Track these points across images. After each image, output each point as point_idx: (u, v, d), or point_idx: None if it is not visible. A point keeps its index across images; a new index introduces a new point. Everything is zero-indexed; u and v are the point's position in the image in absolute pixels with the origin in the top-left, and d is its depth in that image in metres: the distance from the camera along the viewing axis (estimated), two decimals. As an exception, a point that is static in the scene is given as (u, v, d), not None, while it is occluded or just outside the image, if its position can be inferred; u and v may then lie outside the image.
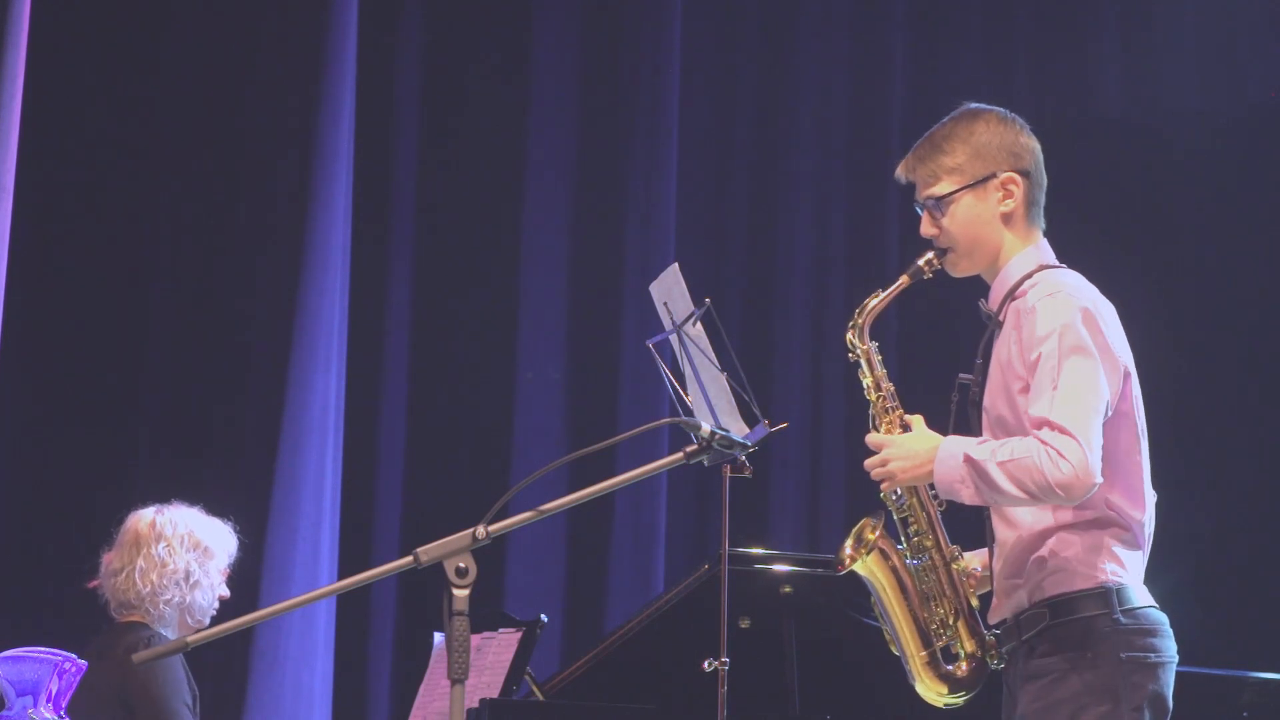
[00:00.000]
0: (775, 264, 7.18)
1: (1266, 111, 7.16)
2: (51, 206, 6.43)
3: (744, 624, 4.88)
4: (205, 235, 6.57)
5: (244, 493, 6.28)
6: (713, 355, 4.26)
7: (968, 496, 3.43)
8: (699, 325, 4.27)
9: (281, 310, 6.42)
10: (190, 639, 2.98)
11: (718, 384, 4.25)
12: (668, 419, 3.44)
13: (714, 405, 4.26)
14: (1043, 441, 3.33)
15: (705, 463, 3.22)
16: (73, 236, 6.50)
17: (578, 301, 6.97)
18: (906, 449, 3.49)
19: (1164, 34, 7.24)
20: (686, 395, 4.35)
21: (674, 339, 4.36)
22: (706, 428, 3.16)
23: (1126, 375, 3.48)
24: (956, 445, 3.44)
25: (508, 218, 6.94)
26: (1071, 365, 3.38)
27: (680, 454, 3.17)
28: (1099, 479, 3.34)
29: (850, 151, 7.25)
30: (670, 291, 4.35)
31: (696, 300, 4.29)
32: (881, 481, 3.53)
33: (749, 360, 4.92)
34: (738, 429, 4.15)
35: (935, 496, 3.58)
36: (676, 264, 4.41)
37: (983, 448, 3.40)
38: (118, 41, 6.58)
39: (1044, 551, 3.45)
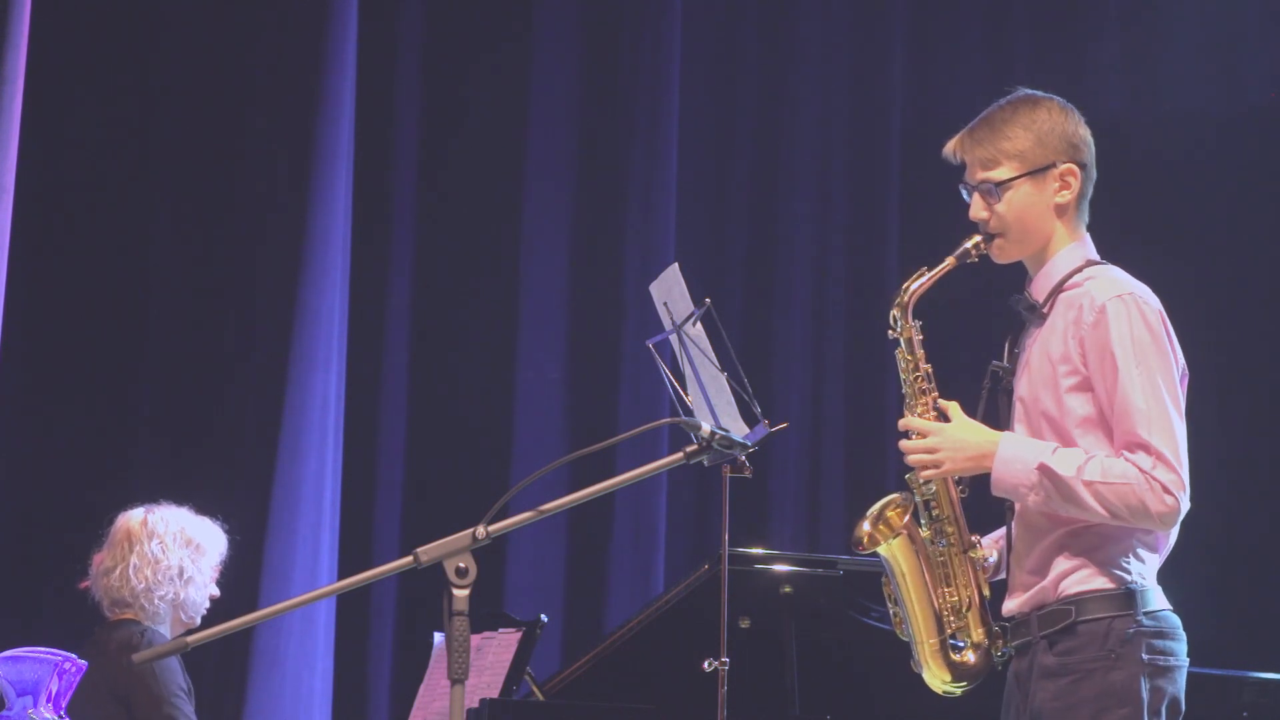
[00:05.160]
0: (775, 264, 7.17)
1: (1266, 111, 7.15)
2: (51, 206, 6.43)
3: (744, 624, 4.87)
4: (205, 234, 6.57)
5: (243, 492, 6.29)
6: (713, 355, 4.25)
7: (1033, 503, 3.40)
8: (699, 325, 4.27)
9: (281, 310, 6.42)
10: (190, 639, 2.97)
11: (718, 384, 4.25)
12: (668, 419, 3.43)
13: (714, 405, 4.26)
14: (1142, 470, 3.32)
15: (705, 463, 3.22)
16: (73, 236, 6.50)
17: (578, 301, 6.97)
18: (956, 440, 3.46)
19: (1164, 34, 7.24)
20: (686, 395, 4.34)
21: (674, 339, 4.36)
22: (706, 428, 3.16)
23: (1184, 378, 3.49)
24: (1024, 449, 3.41)
25: (508, 217, 6.94)
26: (1160, 382, 3.37)
27: (680, 454, 3.17)
28: (1189, 505, 3.37)
29: (851, 151, 7.25)
30: (670, 291, 4.35)
31: (696, 300, 4.28)
32: (923, 469, 3.49)
33: (749, 360, 4.91)
34: (738, 429, 4.14)
35: (958, 482, 3.56)
36: (676, 264, 4.41)
37: (1060, 459, 3.37)
38: (118, 41, 6.58)
39: (1070, 549, 3.43)
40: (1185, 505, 3.36)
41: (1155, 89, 7.23)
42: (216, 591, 4.96)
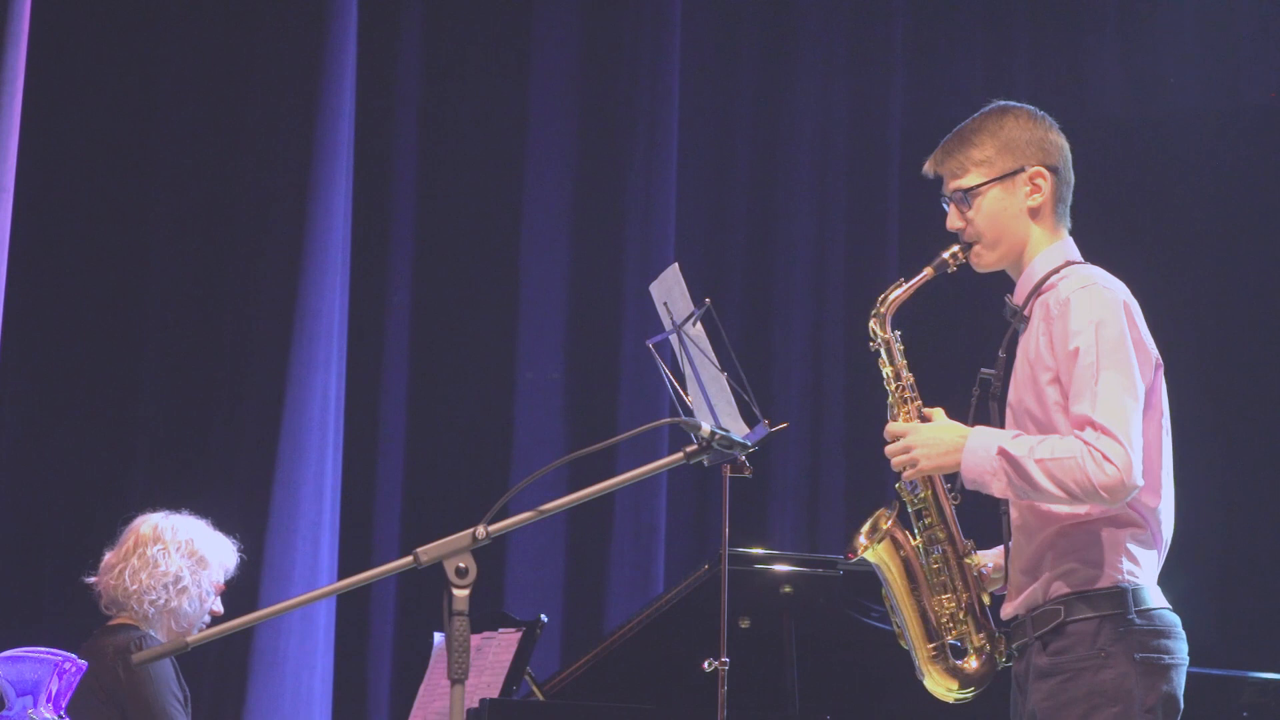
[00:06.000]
0: (775, 264, 7.17)
1: (1266, 111, 7.15)
2: (51, 206, 6.43)
3: (744, 624, 4.88)
4: (205, 235, 6.58)
5: (244, 492, 6.29)
6: (713, 355, 4.25)
7: (998, 490, 3.42)
8: (699, 325, 4.27)
9: (281, 310, 6.42)
10: (190, 639, 2.98)
11: (718, 384, 4.25)
12: (668, 419, 3.43)
13: (714, 405, 4.26)
14: (1086, 443, 3.32)
15: (705, 463, 3.22)
16: (73, 236, 6.50)
17: (578, 301, 6.97)
18: (931, 437, 3.49)
19: (1164, 34, 7.24)
20: (686, 395, 4.34)
21: (674, 339, 4.36)
22: (706, 428, 3.16)
23: (1158, 367, 3.49)
24: (988, 437, 3.43)
25: (508, 217, 6.94)
26: (1112, 363, 3.38)
27: (680, 454, 3.17)
28: (1140, 482, 3.34)
29: (850, 151, 7.25)
30: (670, 291, 4.35)
31: (696, 300, 4.29)
32: (904, 470, 3.52)
33: (749, 360, 4.91)
34: (738, 429, 4.14)
35: (951, 490, 3.58)
36: (676, 264, 4.41)
37: (1018, 442, 3.39)
38: (118, 41, 6.59)
39: (1061, 548, 3.44)
40: (1133, 480, 3.32)
41: (1155, 89, 7.23)
42: (219, 608, 4.96)
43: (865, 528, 3.63)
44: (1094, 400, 3.35)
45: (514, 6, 7.03)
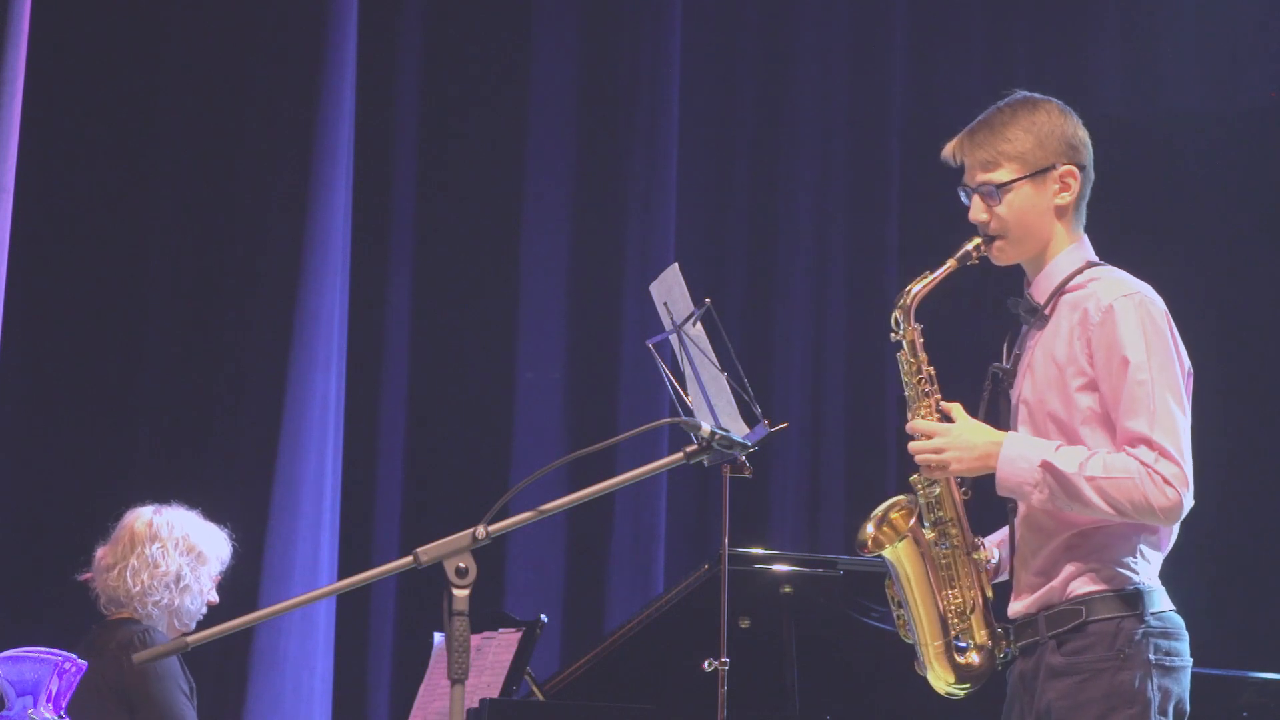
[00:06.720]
0: (775, 264, 7.17)
1: (1266, 111, 7.15)
2: (51, 206, 6.43)
3: (744, 624, 4.88)
4: (205, 235, 6.57)
5: (244, 492, 6.28)
6: (713, 355, 4.26)
7: (1036, 500, 3.41)
8: (699, 325, 4.27)
9: (281, 310, 6.41)
10: (190, 639, 2.98)
11: (718, 384, 4.25)
12: (668, 419, 3.43)
13: (714, 405, 4.26)
14: (1144, 464, 3.33)
15: (705, 463, 3.22)
16: (73, 236, 6.50)
17: (578, 301, 6.97)
18: (963, 440, 3.47)
19: (1164, 34, 7.24)
20: (686, 395, 4.35)
21: (674, 339, 4.36)
22: (706, 428, 3.16)
23: (1189, 376, 3.50)
24: (1026, 447, 3.43)
25: (508, 218, 6.94)
26: (1165, 380, 3.38)
27: (680, 454, 3.17)
28: (1193, 502, 3.37)
29: (850, 151, 7.25)
30: (670, 291, 4.35)
31: (696, 300, 4.29)
32: (931, 469, 3.50)
33: (749, 360, 4.91)
34: (738, 429, 4.15)
35: (961, 484, 3.57)
36: (676, 264, 4.41)
37: (1064, 456, 3.38)
38: (118, 41, 6.58)
39: (1081, 550, 3.44)
40: (1189, 500, 3.36)
41: (1155, 89, 7.23)
42: (215, 599, 4.95)
43: (875, 517, 3.60)
44: (1151, 419, 3.35)
45: (514, 6, 7.03)
